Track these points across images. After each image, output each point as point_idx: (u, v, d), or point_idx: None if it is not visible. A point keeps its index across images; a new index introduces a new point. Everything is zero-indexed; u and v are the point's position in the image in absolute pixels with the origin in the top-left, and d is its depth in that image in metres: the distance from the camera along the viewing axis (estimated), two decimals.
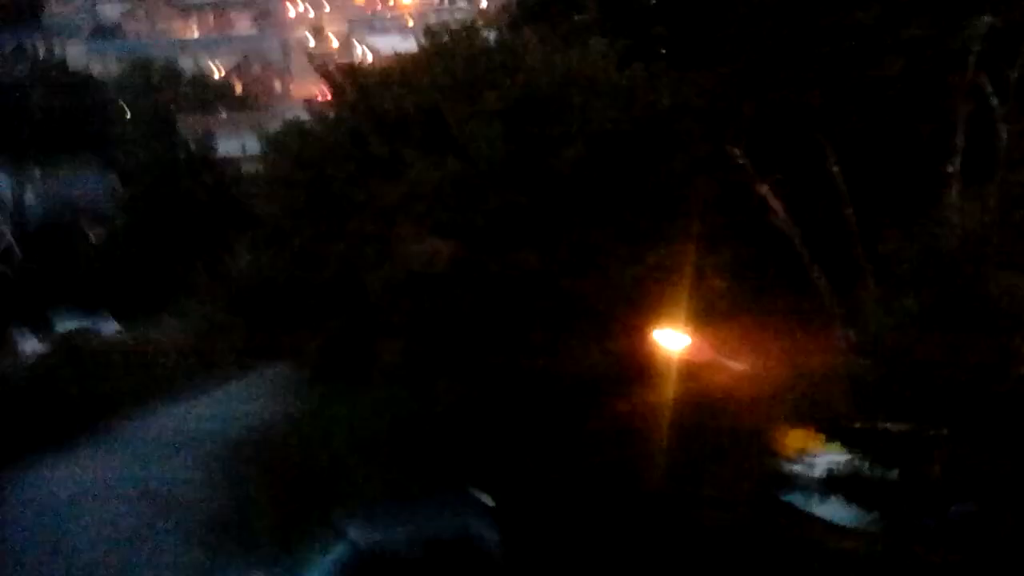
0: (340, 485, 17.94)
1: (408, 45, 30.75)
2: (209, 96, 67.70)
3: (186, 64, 74.13)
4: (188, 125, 53.95)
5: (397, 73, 22.81)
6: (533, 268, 18.04)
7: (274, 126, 32.62)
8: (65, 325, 35.40)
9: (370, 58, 51.90)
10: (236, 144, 45.87)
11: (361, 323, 19.11)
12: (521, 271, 18.02)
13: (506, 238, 18.43)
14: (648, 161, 18.43)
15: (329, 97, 27.13)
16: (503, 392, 17.73)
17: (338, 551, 13.07)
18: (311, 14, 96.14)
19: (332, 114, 23.88)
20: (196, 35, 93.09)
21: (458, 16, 28.11)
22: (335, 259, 19.78)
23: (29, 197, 49.17)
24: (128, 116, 60.56)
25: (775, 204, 17.85)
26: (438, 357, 17.99)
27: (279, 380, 21.06)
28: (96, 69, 75.23)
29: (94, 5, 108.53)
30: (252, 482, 20.34)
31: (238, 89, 74.51)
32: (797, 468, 14.60)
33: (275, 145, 25.24)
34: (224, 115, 61.78)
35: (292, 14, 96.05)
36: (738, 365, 16.50)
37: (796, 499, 14.97)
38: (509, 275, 18.07)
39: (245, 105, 67.91)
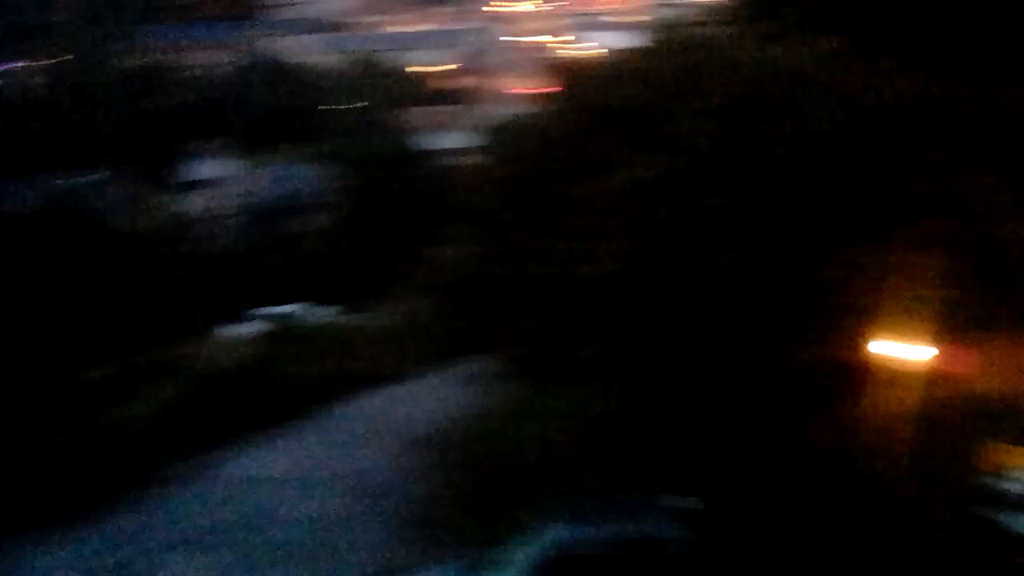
0: (538, 482, 17.78)
1: (624, 41, 30.55)
2: (425, 90, 69.01)
3: (404, 58, 75.52)
4: (405, 119, 55.11)
5: (615, 69, 22.61)
6: (747, 269, 17.50)
7: (490, 121, 32.93)
8: (281, 309, 36.46)
9: (588, 54, 51.79)
10: (452, 138, 46.70)
11: (567, 320, 18.92)
12: (733, 272, 17.50)
13: (720, 238, 17.94)
14: (871, 163, 17.63)
15: (543, 92, 27.20)
16: (710, 395, 17.26)
17: (535, 549, 12.85)
18: (527, 9, 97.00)
19: (549, 109, 23.83)
20: (415, 29, 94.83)
21: (676, 11, 27.56)
22: (545, 254, 19.66)
23: (253, 185, 50.98)
24: (347, 108, 62.17)
25: (1009, 214, 16.78)
26: (643, 357, 17.63)
27: (484, 373, 21.08)
28: (317, 62, 77.42)
29: None
30: (451, 473, 20.43)
31: (454, 84, 75.61)
32: (1004, 485, 13.75)
33: (492, 140, 25.46)
34: (440, 109, 62.84)
35: (507, 10, 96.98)
36: (956, 377, 15.66)
37: (1001, 517, 14.10)
38: (720, 275, 17.58)
39: (461, 100, 68.92)
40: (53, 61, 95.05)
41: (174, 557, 18.78)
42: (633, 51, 23.19)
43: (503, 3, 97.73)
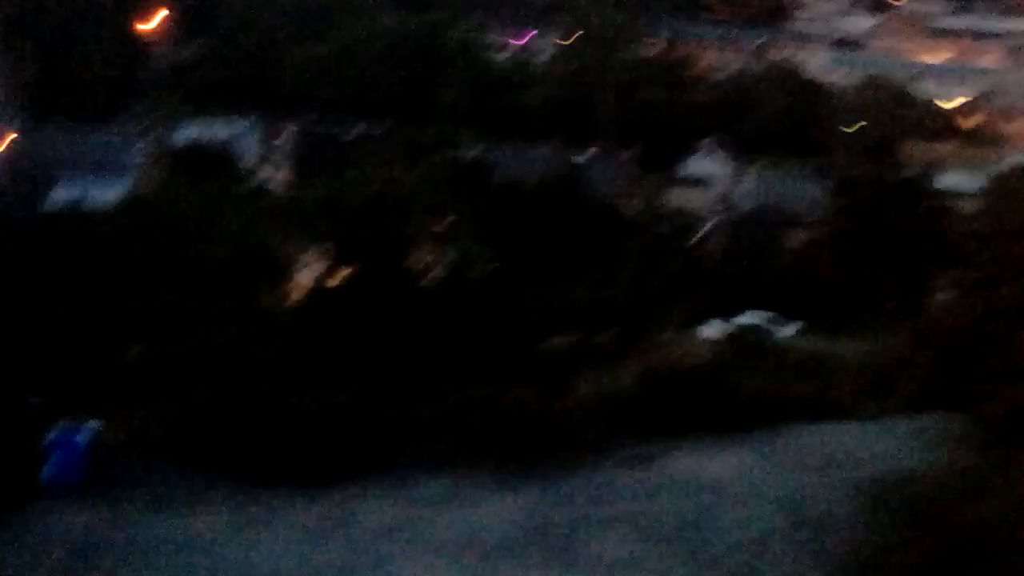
0: (1003, 566, 16.45)
1: None
2: (938, 124, 66.13)
3: (922, 88, 72.84)
4: (911, 149, 53.07)
5: None
6: None
7: (1003, 165, 30.91)
8: (748, 318, 36.28)
9: None
10: (959, 178, 44.46)
11: None
12: None
13: None
14: None
15: None
16: None
17: None
18: None
19: None
20: (940, 60, 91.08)
21: None
22: None
23: (748, 190, 51.09)
24: (855, 130, 60.80)
25: None
26: None
27: (953, 431, 19.78)
28: (832, 79, 76.36)
29: (843, 16, 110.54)
30: (902, 528, 19.37)
31: (971, 122, 71.86)
32: None
33: (998, 185, 23.92)
34: (951, 147, 59.92)
35: None
36: None
37: None
38: None
39: (976, 140, 65.42)
40: (567, 38, 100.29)
41: (610, 534, 19.24)
42: None
43: None
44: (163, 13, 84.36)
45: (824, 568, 18.27)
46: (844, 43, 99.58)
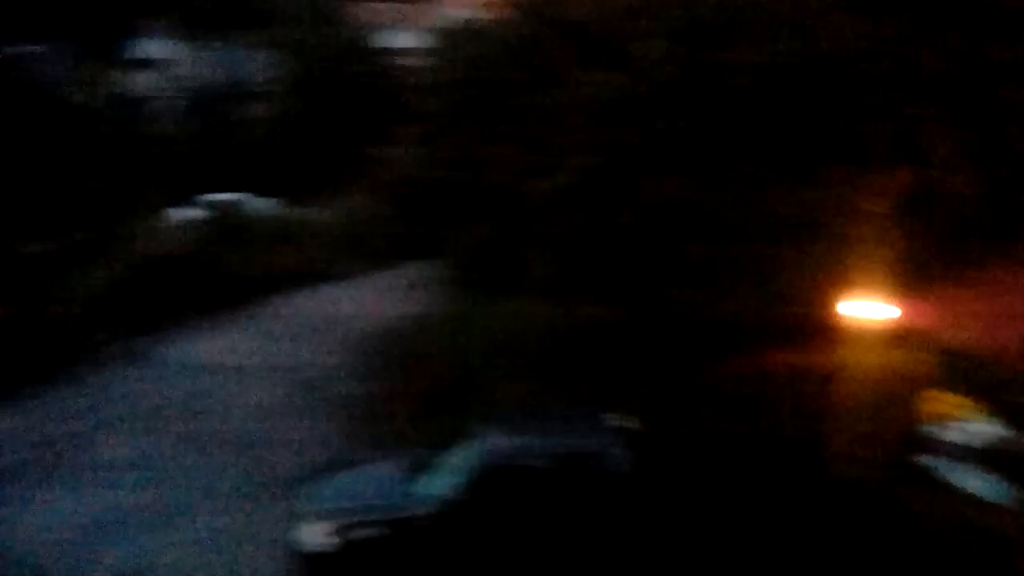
0: (479, 390, 18.14)
1: None
2: None
3: None
4: (354, 13, 54.07)
5: None
6: (690, 195, 17.76)
7: (447, 22, 32.56)
8: (223, 197, 36.23)
9: None
10: (407, 37, 45.96)
11: (514, 231, 19.10)
12: (678, 197, 17.77)
13: (666, 162, 18.15)
14: (822, 101, 17.88)
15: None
16: (649, 317, 17.64)
17: (472, 455, 13.20)
18: None
19: (507, 17, 23.66)
20: None
21: None
22: (495, 163, 19.72)
23: (200, 68, 50.13)
24: None
25: (959, 166, 17.09)
26: (587, 274, 17.91)
27: (428, 278, 21.25)
28: None
29: None
30: (391, 374, 20.75)
31: None
32: (942, 434, 14.20)
33: (446, 42, 25.13)
34: (384, 7, 61.69)
35: None
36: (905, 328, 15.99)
37: (937, 466, 14.63)
38: (665, 200, 17.83)
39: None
40: None
41: (112, 436, 19.04)
42: None
43: None
44: None
45: (325, 426, 19.21)
46: None
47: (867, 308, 14.72)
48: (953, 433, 13.69)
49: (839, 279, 16.08)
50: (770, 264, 17.02)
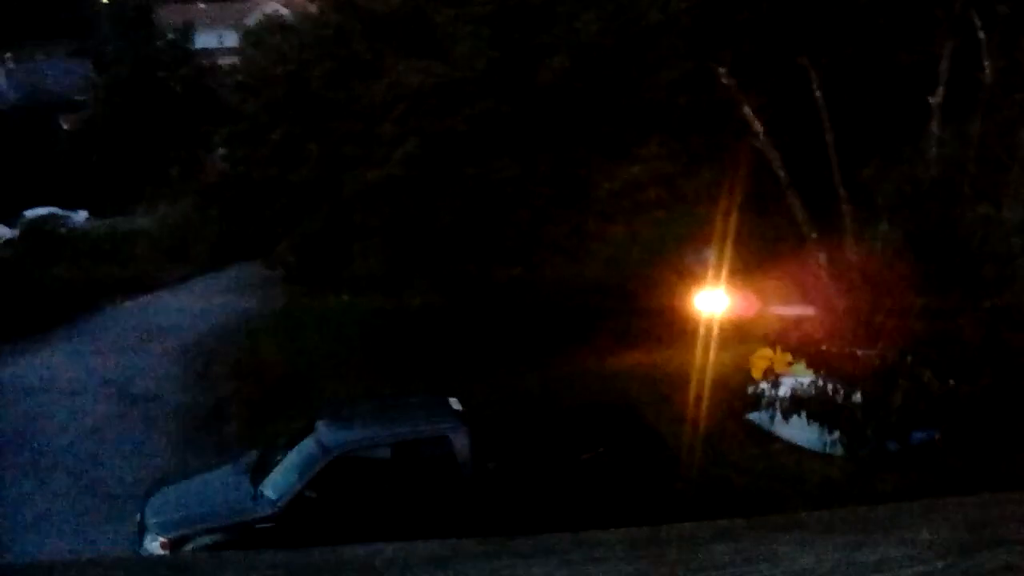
0: (311, 386, 18.05)
1: None
2: None
3: None
4: (166, 15, 53.03)
5: None
6: (512, 177, 17.98)
7: (254, 20, 32.18)
8: (34, 212, 35.12)
9: None
10: (222, 37, 45.23)
11: (338, 224, 19.02)
12: (500, 179, 17.97)
13: (486, 146, 18.32)
14: (632, 75, 18.25)
15: None
16: (477, 300, 17.81)
17: (311, 450, 13.11)
18: None
19: (315, 10, 23.51)
20: None
21: None
22: (313, 158, 19.58)
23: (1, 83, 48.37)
24: (105, 2, 59.43)
25: (757, 126, 17.65)
26: (414, 262, 17.97)
27: (253, 278, 21.02)
28: None
29: None
30: (220, 378, 20.44)
31: None
32: (763, 388, 14.69)
33: (254, 40, 24.86)
34: (203, 7, 60.69)
35: None
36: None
37: (760, 418, 15.13)
38: (488, 183, 18.00)
39: None
40: None
41: None
42: None
43: None
44: None
45: (164, 437, 18.82)
46: None
47: (694, 287, 15.16)
48: (783, 388, 14.16)
49: (664, 252, 16.52)
50: (595, 240, 17.36)
